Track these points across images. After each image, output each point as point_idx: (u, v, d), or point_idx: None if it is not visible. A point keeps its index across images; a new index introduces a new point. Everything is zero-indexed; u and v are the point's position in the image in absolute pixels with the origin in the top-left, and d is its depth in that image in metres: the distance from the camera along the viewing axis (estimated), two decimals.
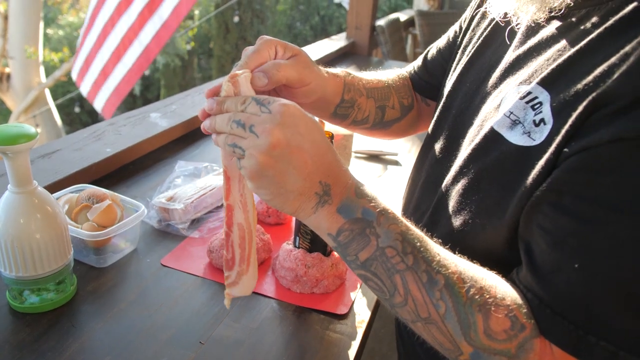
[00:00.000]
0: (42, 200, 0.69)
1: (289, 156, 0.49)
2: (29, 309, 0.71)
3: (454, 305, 0.50)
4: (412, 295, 0.51)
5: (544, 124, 0.52)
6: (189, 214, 0.95)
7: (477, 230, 0.58)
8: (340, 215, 0.52)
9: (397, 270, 0.51)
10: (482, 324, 0.49)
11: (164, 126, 1.28)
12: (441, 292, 0.50)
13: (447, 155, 0.69)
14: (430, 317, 0.51)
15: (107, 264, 0.83)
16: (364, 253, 0.52)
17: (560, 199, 0.48)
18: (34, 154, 1.05)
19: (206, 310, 0.75)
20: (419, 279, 0.51)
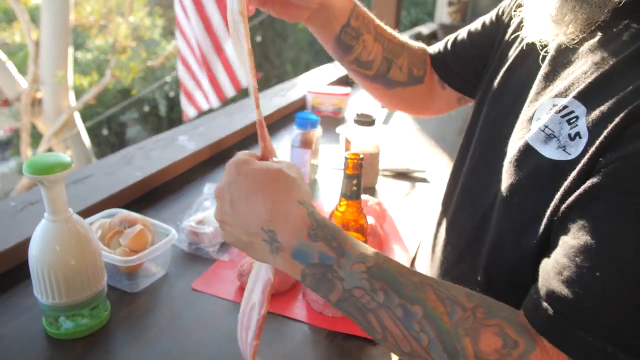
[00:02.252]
0: (77, 227, 0.70)
1: (228, 206, 0.53)
2: (64, 335, 0.72)
3: (437, 334, 0.48)
4: (390, 332, 0.49)
5: (579, 138, 0.51)
6: (219, 236, 0.95)
7: (511, 247, 0.57)
8: (297, 262, 0.51)
9: (368, 310, 0.50)
10: (471, 348, 0.47)
11: (191, 149, 1.30)
12: (420, 323, 0.48)
13: (481, 168, 0.68)
14: (414, 351, 0.49)
15: (139, 289, 0.83)
16: (333, 295, 0.51)
17: (590, 204, 0.47)
18: (67, 179, 1.07)
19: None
20: (394, 314, 0.49)
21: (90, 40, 9.26)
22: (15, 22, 7.35)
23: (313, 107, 1.87)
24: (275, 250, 0.52)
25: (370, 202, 1.06)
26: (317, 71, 2.35)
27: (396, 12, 2.63)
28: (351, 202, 0.77)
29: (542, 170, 0.55)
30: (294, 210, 0.52)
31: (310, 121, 1.22)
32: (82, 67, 8.79)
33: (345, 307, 0.51)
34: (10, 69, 6.49)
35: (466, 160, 0.74)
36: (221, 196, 0.54)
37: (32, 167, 0.64)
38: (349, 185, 0.75)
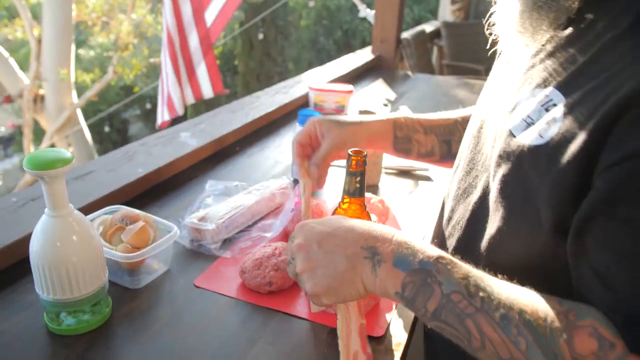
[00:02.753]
0: (78, 223, 0.70)
1: (317, 248, 0.58)
2: (65, 331, 0.72)
3: (535, 338, 0.48)
4: (489, 337, 0.50)
5: (554, 122, 0.53)
6: (221, 233, 0.94)
7: (512, 237, 0.58)
8: (398, 270, 0.54)
9: (467, 315, 0.51)
10: (567, 351, 0.47)
11: (193, 145, 1.29)
12: (518, 327, 0.49)
13: (473, 165, 0.70)
14: (512, 356, 0.49)
15: (141, 285, 0.83)
16: (431, 303, 0.52)
17: (615, 210, 0.47)
18: (68, 175, 1.07)
19: (240, 332, 0.74)
20: (492, 319, 0.50)
21: (93, 38, 9.26)
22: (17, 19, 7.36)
23: (315, 104, 1.86)
24: (377, 264, 0.55)
25: (373, 200, 1.06)
26: (320, 69, 2.35)
27: (399, 10, 2.62)
28: (354, 200, 0.76)
29: (523, 158, 0.56)
30: (385, 230, 0.58)
31: None
32: (84, 64, 8.79)
33: (443, 315, 0.52)
34: (13, 65, 6.49)
35: (460, 160, 0.76)
36: (305, 246, 0.59)
37: (32, 163, 0.64)
38: (352, 182, 0.75)
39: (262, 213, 1.06)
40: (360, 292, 0.57)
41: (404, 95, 2.20)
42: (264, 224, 1.02)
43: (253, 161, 1.37)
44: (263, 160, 1.38)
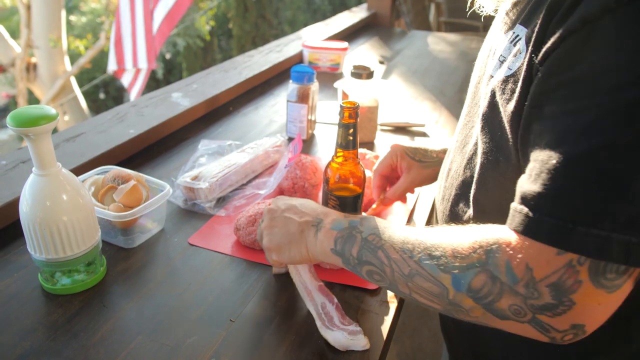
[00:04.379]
0: (67, 182, 0.69)
1: (280, 213, 0.69)
2: (60, 291, 0.72)
3: (424, 248, 0.55)
4: (393, 259, 0.57)
5: (520, 54, 0.55)
6: (214, 192, 0.94)
7: (492, 176, 0.60)
8: (333, 231, 0.64)
9: (378, 247, 0.59)
10: (449, 250, 0.53)
11: (186, 105, 1.27)
12: (413, 244, 0.56)
13: (470, 118, 0.71)
14: (411, 269, 0.55)
15: (135, 245, 0.83)
16: (354, 249, 0.61)
17: (541, 112, 0.50)
18: (59, 138, 1.05)
19: (235, 288, 0.74)
20: (395, 243, 0.58)
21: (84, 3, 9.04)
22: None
23: (310, 62, 1.83)
24: (319, 229, 0.65)
25: (368, 156, 1.04)
26: (314, 27, 2.29)
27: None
28: (347, 153, 0.75)
29: (496, 92, 0.58)
30: (337, 213, 0.68)
31: (306, 74, 1.19)
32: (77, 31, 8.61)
33: (364, 255, 0.60)
34: (4, 33, 6.36)
35: (463, 113, 0.76)
36: (273, 210, 0.70)
37: (16, 120, 0.62)
38: (345, 134, 0.73)
39: (257, 171, 1.05)
40: (302, 253, 0.66)
41: (400, 53, 2.15)
42: (258, 182, 1.01)
43: (247, 120, 1.35)
44: (258, 120, 1.36)
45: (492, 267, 0.49)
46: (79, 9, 9.27)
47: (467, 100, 0.75)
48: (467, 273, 0.51)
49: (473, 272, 0.50)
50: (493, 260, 0.49)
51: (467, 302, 0.51)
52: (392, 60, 2.03)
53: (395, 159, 0.90)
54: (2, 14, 8.52)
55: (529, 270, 0.47)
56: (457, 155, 0.73)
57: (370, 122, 1.24)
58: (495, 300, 0.49)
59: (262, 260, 0.80)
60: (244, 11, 8.27)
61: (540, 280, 0.46)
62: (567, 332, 0.48)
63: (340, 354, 0.64)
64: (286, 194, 0.98)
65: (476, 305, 0.51)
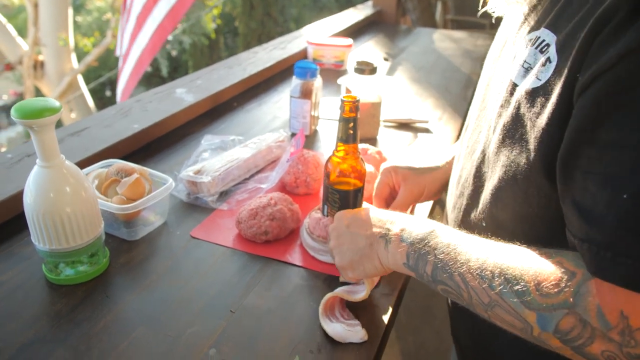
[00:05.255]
0: (70, 173, 0.70)
1: (345, 230, 0.68)
2: (64, 281, 0.73)
3: (505, 278, 0.51)
4: (471, 286, 0.54)
5: (549, 62, 0.52)
6: (217, 186, 0.94)
7: (510, 188, 0.58)
8: (403, 244, 0.61)
9: (453, 271, 0.56)
10: (532, 285, 0.49)
11: (190, 101, 1.28)
12: (492, 271, 0.52)
13: (479, 122, 0.69)
14: (491, 299, 0.52)
15: (138, 237, 0.84)
16: (428, 267, 0.58)
17: (595, 135, 0.45)
18: (64, 132, 1.06)
19: (237, 280, 0.75)
20: (472, 269, 0.54)
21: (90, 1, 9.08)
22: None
23: (314, 59, 1.83)
24: (388, 241, 0.63)
25: (370, 151, 1.05)
26: (319, 23, 2.29)
27: None
28: (348, 147, 0.75)
29: (521, 103, 0.55)
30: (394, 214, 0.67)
31: (309, 70, 1.19)
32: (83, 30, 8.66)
33: (439, 275, 0.57)
34: (11, 31, 6.40)
35: (471, 117, 0.74)
36: (337, 228, 0.70)
37: (20, 112, 0.63)
38: (346, 128, 0.74)
39: (259, 166, 1.06)
40: (377, 266, 0.65)
41: (405, 50, 2.15)
42: (261, 177, 1.02)
43: (251, 116, 1.35)
44: (261, 116, 1.36)
45: (581, 310, 0.46)
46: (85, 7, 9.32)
47: (476, 104, 0.72)
48: (554, 314, 0.47)
49: (561, 314, 0.47)
50: (582, 303, 0.46)
51: (554, 342, 0.48)
52: (397, 57, 2.03)
53: (390, 176, 0.86)
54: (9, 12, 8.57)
55: (625, 318, 0.44)
56: (467, 162, 0.71)
57: (373, 118, 1.24)
58: (585, 345, 0.46)
59: (264, 253, 0.80)
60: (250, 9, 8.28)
61: (638, 329, 0.43)
62: None
63: (339, 345, 0.65)
64: (288, 188, 0.98)
65: (564, 346, 0.48)
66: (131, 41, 3.58)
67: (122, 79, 3.76)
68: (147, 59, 3.66)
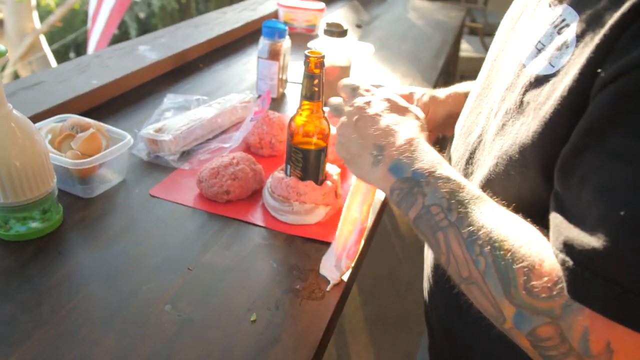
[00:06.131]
0: (18, 125, 0.66)
1: (352, 124, 0.61)
2: (14, 237, 0.70)
3: (494, 260, 0.44)
4: (453, 253, 0.48)
5: (566, 48, 0.45)
6: (178, 145, 0.92)
7: (503, 179, 0.53)
8: (391, 175, 0.55)
9: (439, 228, 0.49)
10: (522, 279, 0.42)
11: (153, 59, 1.23)
12: (481, 247, 0.46)
13: (479, 102, 0.63)
14: (471, 275, 0.46)
15: (94, 195, 0.81)
16: (412, 212, 0.52)
17: (605, 139, 0.39)
18: (16, 85, 1.01)
19: (195, 238, 0.74)
20: (460, 235, 0.47)
21: None
22: None
23: (285, 22, 1.78)
24: (376, 163, 0.57)
25: None
26: None
27: None
28: (312, 104, 0.74)
29: (527, 90, 0.49)
30: (408, 133, 0.57)
31: (277, 30, 1.16)
32: None
33: (421, 225, 0.52)
34: None
35: (472, 94, 0.68)
36: (350, 117, 0.62)
37: None
38: (310, 85, 0.72)
39: (224, 126, 1.03)
40: (364, 177, 0.61)
41: (379, 18, 2.12)
42: (225, 137, 0.99)
43: (218, 78, 1.32)
44: (228, 78, 1.33)
45: (565, 326, 0.41)
46: None
47: (479, 80, 0.66)
48: (535, 318, 0.42)
49: (542, 321, 0.42)
50: (569, 319, 0.40)
51: (523, 341, 0.44)
52: (370, 25, 2.00)
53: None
54: None
55: (609, 352, 0.39)
56: (460, 143, 0.66)
57: None
58: (557, 358, 0.42)
59: (224, 212, 0.79)
60: None
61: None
62: None
63: (296, 303, 0.64)
64: (253, 150, 0.96)
65: (532, 349, 0.44)
66: (100, 1, 3.43)
67: (93, 39, 3.61)
68: (116, 20, 3.52)
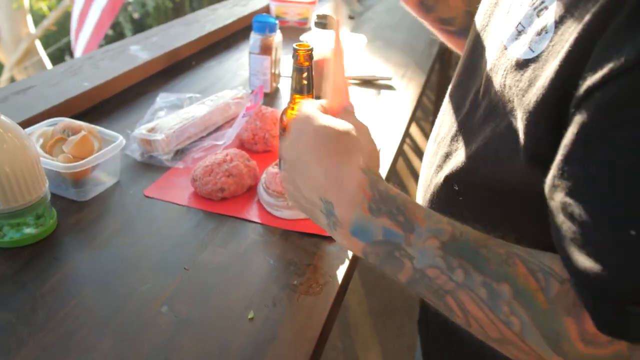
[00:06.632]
0: (7, 130, 0.65)
1: (292, 172, 0.48)
2: (8, 243, 0.70)
3: (532, 316, 0.39)
4: (474, 316, 0.42)
5: (545, 33, 0.43)
6: (172, 144, 0.91)
7: (490, 159, 0.51)
8: (357, 239, 0.45)
9: (446, 292, 0.42)
10: (575, 329, 0.38)
11: (144, 58, 1.22)
12: (510, 305, 0.40)
13: (464, 78, 0.62)
14: (504, 337, 0.41)
15: (87, 198, 0.80)
16: (402, 276, 0.44)
17: (592, 149, 0.36)
18: (8, 90, 1.01)
19: (191, 237, 0.73)
20: (477, 296, 0.41)
21: None
22: None
23: (277, 16, 1.77)
24: (332, 225, 0.46)
25: None
26: None
27: None
28: (303, 97, 0.73)
29: (508, 74, 0.47)
30: (354, 178, 0.44)
31: (268, 24, 1.15)
32: None
33: (418, 288, 0.44)
34: None
35: (459, 67, 0.67)
36: (286, 155, 0.50)
37: None
38: (299, 78, 0.71)
39: (217, 123, 1.03)
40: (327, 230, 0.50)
41: (372, 8, 2.10)
42: (218, 134, 0.99)
43: (210, 75, 1.31)
44: (221, 74, 1.32)
45: None
46: None
47: (466, 52, 0.64)
48: None
49: None
50: None
51: None
52: (362, 16, 1.98)
53: None
54: None
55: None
56: (446, 119, 0.64)
57: None
58: None
59: (220, 210, 0.79)
60: None
61: None
62: None
63: (294, 299, 0.64)
64: (247, 146, 0.96)
65: None
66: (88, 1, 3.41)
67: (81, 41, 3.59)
68: (107, 21, 3.50)
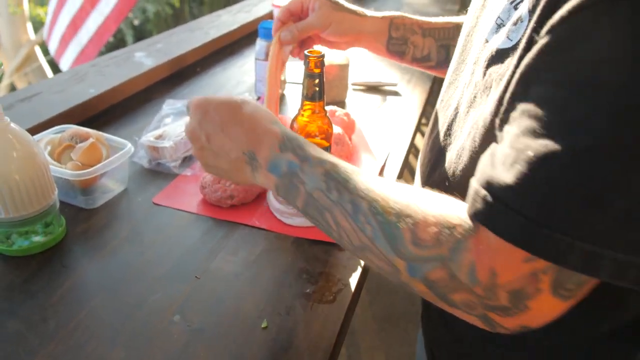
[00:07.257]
0: (17, 138, 0.65)
1: (206, 143, 0.58)
2: (17, 252, 0.69)
3: (379, 223, 0.48)
4: (342, 227, 0.51)
5: (521, 22, 0.47)
6: (179, 151, 0.91)
7: (471, 149, 0.54)
8: (271, 174, 0.56)
9: (325, 209, 0.52)
10: (408, 234, 0.47)
11: (149, 65, 1.22)
12: (365, 215, 0.49)
13: (455, 77, 0.65)
14: (363, 243, 0.50)
15: (96, 205, 0.80)
16: (299, 201, 0.54)
17: (528, 90, 0.42)
18: (13, 98, 1.00)
19: (201, 245, 0.72)
20: (345, 210, 0.51)
21: None
22: None
23: None
24: (255, 169, 0.57)
25: (338, 113, 1.02)
26: None
27: None
28: (314, 105, 0.72)
29: (489, 64, 0.51)
30: (268, 129, 0.57)
31: None
32: None
33: (309, 211, 0.54)
34: None
35: (450, 68, 0.70)
36: (195, 136, 0.60)
37: None
38: (311, 85, 0.71)
39: None
40: (243, 183, 0.61)
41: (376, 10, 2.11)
42: None
43: (215, 81, 1.30)
44: (226, 80, 1.31)
45: (454, 265, 0.45)
46: None
47: (456, 55, 0.67)
48: (425, 265, 0.46)
49: (431, 266, 0.46)
50: (457, 258, 0.45)
51: (420, 287, 0.48)
52: None
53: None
54: None
55: (493, 276, 0.43)
56: (440, 116, 0.67)
57: (341, 81, 1.21)
58: (448, 292, 0.46)
59: (229, 218, 0.78)
60: None
61: (502, 286, 0.43)
62: (513, 330, 0.46)
63: (307, 307, 0.63)
64: None
65: (429, 291, 0.48)
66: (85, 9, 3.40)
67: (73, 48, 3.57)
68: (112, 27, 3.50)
